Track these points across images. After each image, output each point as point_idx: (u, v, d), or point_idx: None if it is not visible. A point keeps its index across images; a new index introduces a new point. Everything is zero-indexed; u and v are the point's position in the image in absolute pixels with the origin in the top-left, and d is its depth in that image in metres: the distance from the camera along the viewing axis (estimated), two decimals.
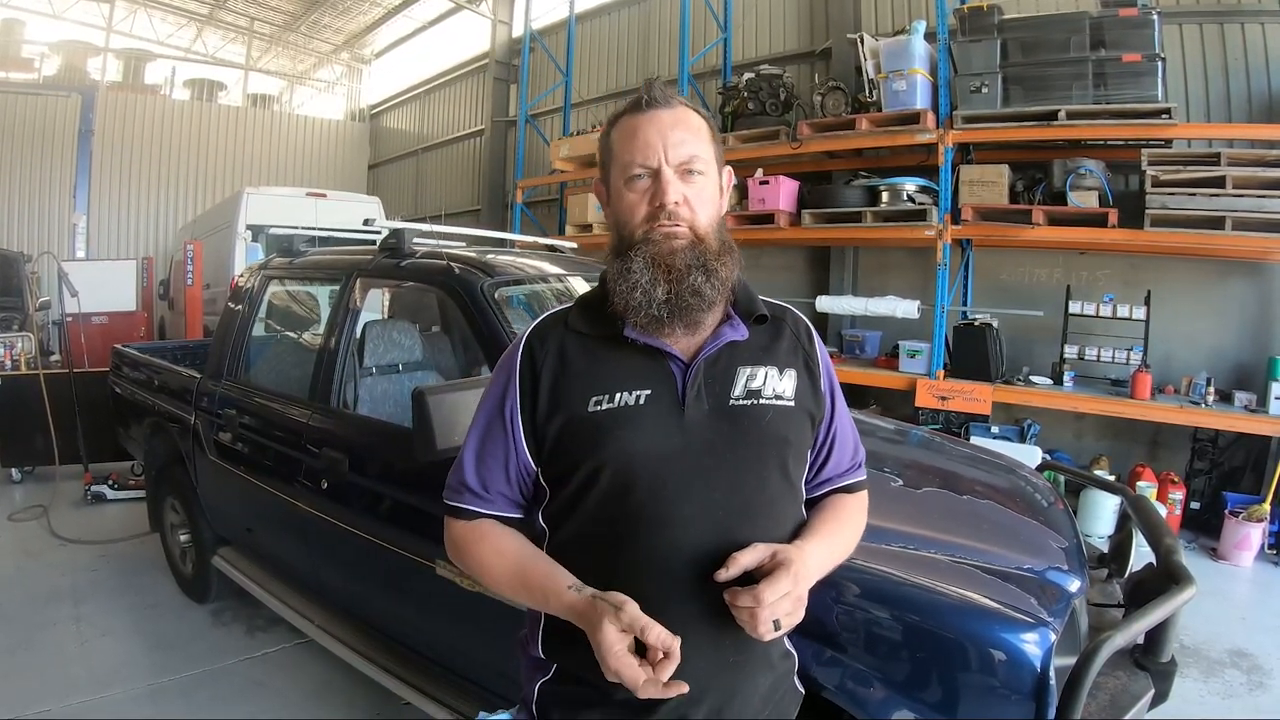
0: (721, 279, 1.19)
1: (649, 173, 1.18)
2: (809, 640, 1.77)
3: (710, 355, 1.21)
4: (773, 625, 1.05)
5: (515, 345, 1.27)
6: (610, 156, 1.23)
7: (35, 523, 5.20)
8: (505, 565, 1.22)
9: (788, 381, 1.26)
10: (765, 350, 1.27)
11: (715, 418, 1.20)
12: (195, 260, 8.81)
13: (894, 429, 3.46)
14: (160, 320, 12.18)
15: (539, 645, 1.27)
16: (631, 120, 1.20)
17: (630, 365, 1.20)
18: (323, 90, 20.99)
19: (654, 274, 1.15)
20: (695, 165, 1.19)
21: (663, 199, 1.16)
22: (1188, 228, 5.37)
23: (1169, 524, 2.73)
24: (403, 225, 3.18)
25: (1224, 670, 3.64)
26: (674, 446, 1.17)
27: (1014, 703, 1.59)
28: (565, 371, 1.21)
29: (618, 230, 1.23)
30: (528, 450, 1.23)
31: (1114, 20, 5.71)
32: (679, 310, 1.16)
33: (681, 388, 1.19)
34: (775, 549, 1.12)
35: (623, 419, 1.17)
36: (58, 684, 3.24)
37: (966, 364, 6.32)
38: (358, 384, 3.11)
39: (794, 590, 1.08)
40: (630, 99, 1.23)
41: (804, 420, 1.28)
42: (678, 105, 1.22)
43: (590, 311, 1.26)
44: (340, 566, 2.97)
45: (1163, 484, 5.57)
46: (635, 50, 11.09)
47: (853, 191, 7.00)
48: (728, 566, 1.09)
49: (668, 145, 1.17)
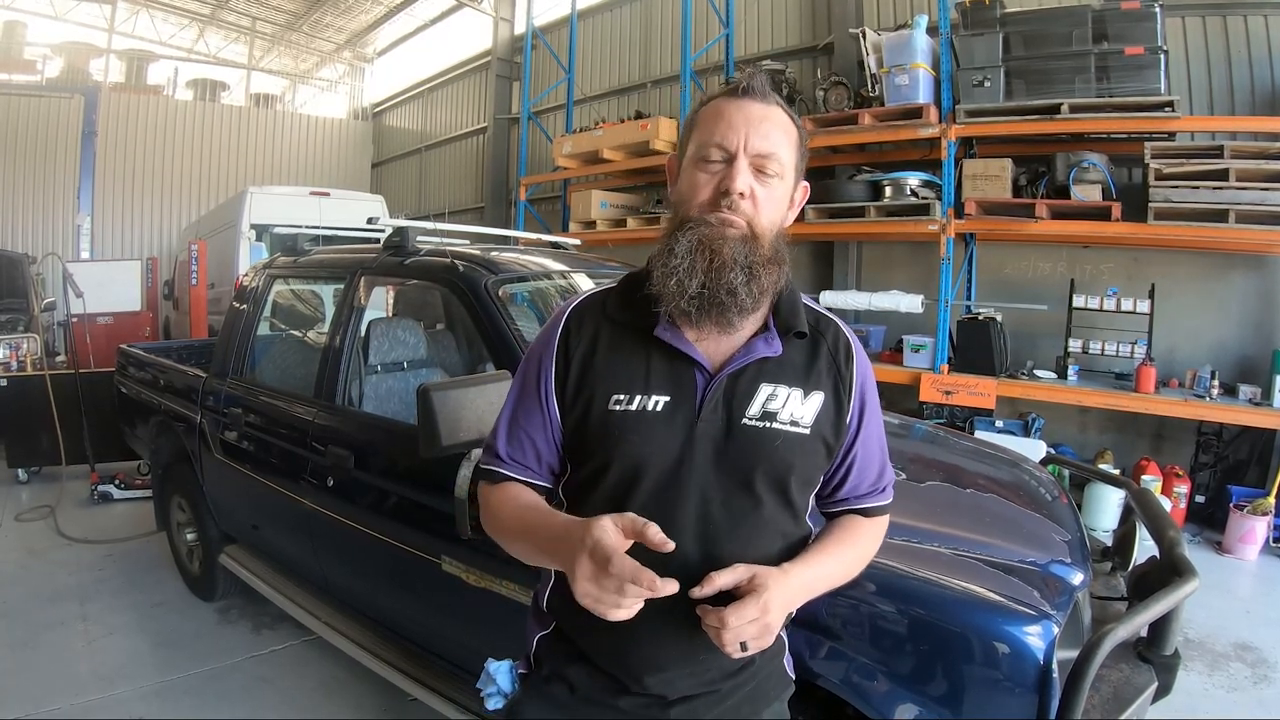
0: (762, 285, 1.16)
1: (725, 157, 1.14)
2: (812, 633, 1.78)
3: (736, 368, 1.19)
4: (739, 646, 1.05)
5: (553, 324, 1.28)
6: (690, 134, 1.21)
7: (42, 522, 5.22)
8: (511, 509, 1.24)
9: (810, 406, 1.22)
10: (796, 370, 1.23)
11: (725, 434, 1.18)
12: (199, 260, 8.84)
13: (898, 423, 3.46)
14: (165, 320, 12.23)
15: (544, 599, 1.32)
16: (722, 103, 1.18)
17: (655, 367, 1.20)
18: (325, 89, 20.99)
19: (694, 260, 1.13)
20: (771, 165, 1.15)
21: (729, 184, 1.13)
22: (1191, 221, 5.36)
23: (1173, 518, 2.73)
24: (406, 223, 3.19)
25: (1228, 663, 3.64)
26: (680, 458, 1.18)
27: (1017, 695, 1.60)
28: (594, 360, 1.22)
29: (676, 208, 1.21)
30: (560, 422, 1.25)
31: (1116, 13, 5.70)
32: (710, 307, 1.14)
33: (700, 399, 1.18)
34: (755, 572, 1.09)
35: (637, 423, 1.17)
36: (65, 682, 3.26)
37: (970, 358, 6.31)
38: (362, 382, 3.12)
39: (761, 618, 1.06)
40: (727, 85, 1.21)
41: (817, 447, 1.24)
42: (773, 103, 1.19)
43: (630, 296, 1.24)
44: (346, 563, 2.99)
45: (1167, 478, 5.57)
46: (637, 46, 11.08)
47: (856, 186, 7.00)
48: (704, 585, 1.07)
49: (750, 135, 1.14)
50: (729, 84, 1.20)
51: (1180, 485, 5.54)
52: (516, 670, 1.35)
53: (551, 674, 1.29)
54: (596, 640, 1.23)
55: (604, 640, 1.22)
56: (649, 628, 1.14)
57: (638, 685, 1.21)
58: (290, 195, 9.74)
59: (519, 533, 1.22)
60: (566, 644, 1.28)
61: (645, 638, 1.18)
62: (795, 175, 1.21)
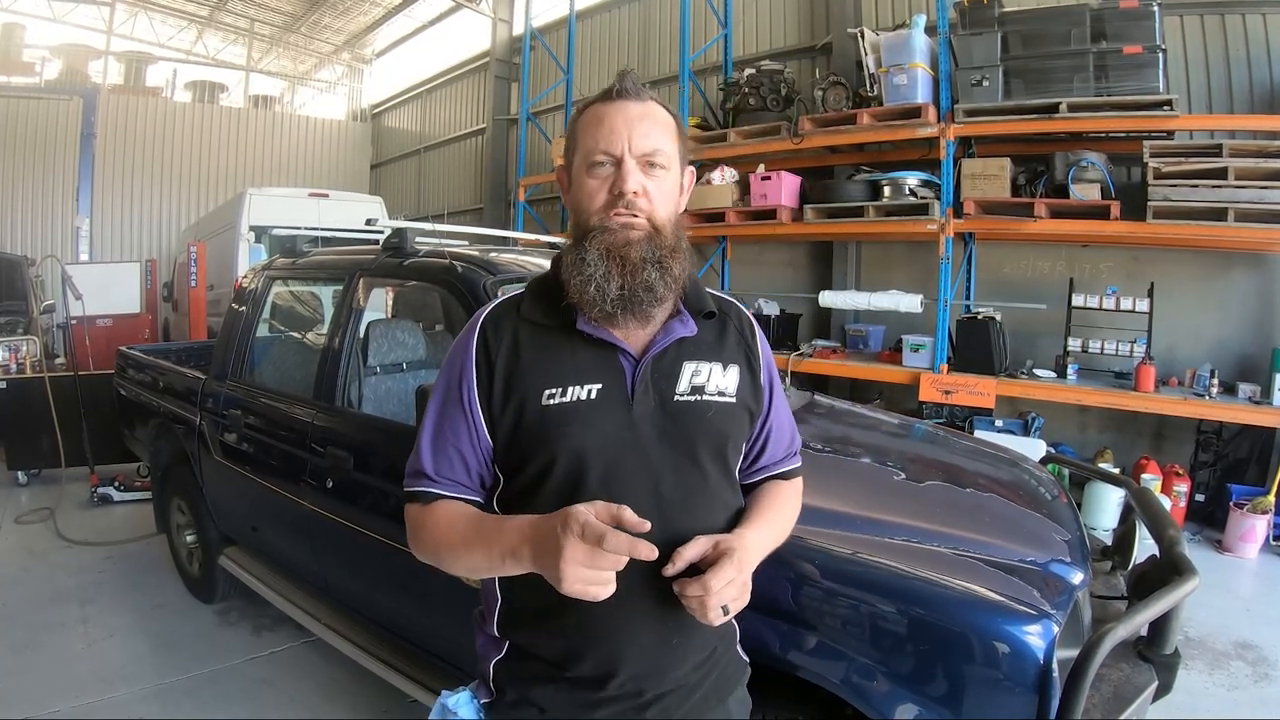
0: (675, 275, 1.20)
1: (611, 161, 1.18)
2: (810, 632, 1.78)
3: (659, 351, 1.24)
4: (721, 611, 1.09)
5: (469, 330, 1.28)
6: (575, 143, 1.23)
7: (42, 525, 5.22)
8: (459, 526, 1.21)
9: (730, 377, 1.30)
10: (711, 346, 1.30)
11: (660, 413, 1.23)
12: (199, 262, 8.83)
13: (898, 423, 3.46)
14: (164, 322, 12.21)
15: (494, 624, 1.30)
16: (599, 108, 1.21)
17: (582, 358, 1.22)
18: (324, 91, 21.01)
19: (608, 267, 1.16)
20: (658, 159, 1.19)
21: (622, 186, 1.17)
22: (1190, 219, 5.36)
23: (1173, 516, 2.74)
24: (405, 224, 3.19)
25: (1229, 662, 3.64)
26: (623, 441, 1.20)
27: (1017, 695, 1.60)
28: (519, 361, 1.22)
29: (575, 219, 1.24)
30: (487, 432, 1.24)
31: (1115, 12, 5.70)
32: (631, 304, 1.18)
33: (631, 383, 1.22)
34: (717, 539, 1.15)
35: (574, 413, 1.19)
36: (65, 684, 3.26)
37: (970, 358, 6.31)
38: (362, 383, 3.12)
39: (738, 576, 1.11)
40: (602, 90, 1.24)
41: (743, 415, 1.32)
42: (647, 99, 1.22)
43: (543, 300, 1.27)
44: (346, 565, 2.98)
45: (1167, 476, 5.57)
46: (636, 47, 11.08)
47: (855, 186, 7.00)
48: (674, 561, 1.12)
49: (633, 135, 1.17)
50: (603, 90, 1.23)
51: (1180, 484, 5.54)
52: (479, 700, 1.32)
53: (519, 699, 1.27)
54: (566, 645, 1.22)
55: (574, 644, 1.21)
56: (620, 616, 1.17)
57: (614, 685, 1.21)
58: (289, 197, 9.73)
59: (470, 545, 1.18)
60: (527, 663, 1.26)
61: (617, 630, 1.19)
62: (681, 163, 1.26)
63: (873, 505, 2.21)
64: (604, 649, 1.20)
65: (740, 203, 7.66)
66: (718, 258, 8.90)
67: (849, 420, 3.29)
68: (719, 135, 8.12)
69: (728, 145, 7.93)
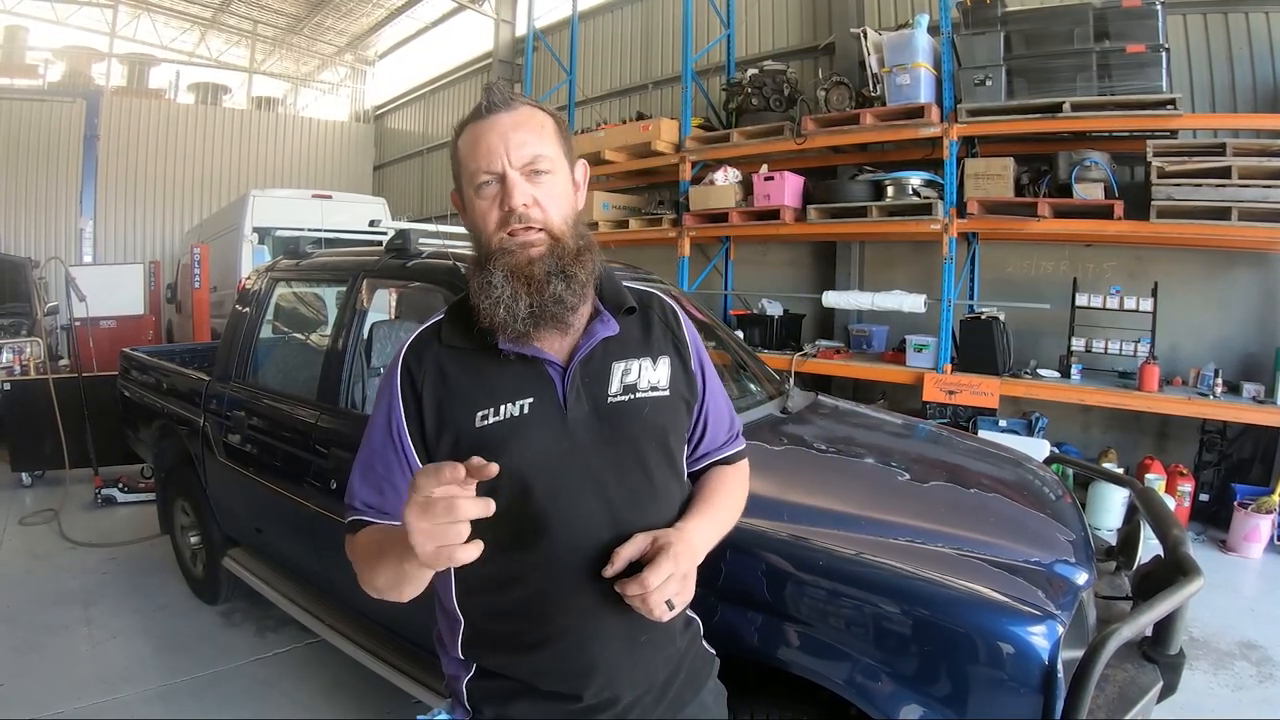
0: (581, 281, 1.19)
1: (495, 178, 1.17)
2: (812, 632, 1.78)
3: (584, 355, 1.22)
4: (666, 606, 1.09)
5: (392, 367, 1.25)
6: (459, 167, 1.22)
7: (46, 526, 5.23)
8: (372, 545, 1.17)
9: (661, 370, 1.29)
10: (638, 342, 1.30)
11: (596, 417, 1.22)
12: (202, 263, 8.86)
13: (901, 423, 3.46)
14: (168, 323, 12.24)
15: (458, 646, 1.28)
16: (474, 128, 1.19)
17: (509, 375, 1.20)
18: (327, 92, 21.03)
19: (514, 287, 1.15)
20: (540, 164, 1.17)
21: (510, 202, 1.15)
22: (1194, 219, 5.34)
23: (1177, 516, 2.72)
24: (408, 226, 3.19)
25: (1233, 662, 3.63)
26: (563, 449, 1.19)
27: (1022, 696, 1.59)
28: (447, 389, 1.21)
29: (475, 241, 1.23)
30: (420, 464, 1.21)
31: (1117, 11, 5.69)
32: (544, 319, 1.16)
33: (562, 391, 1.21)
34: (654, 535, 1.16)
35: (511, 430, 1.17)
36: (69, 686, 3.27)
37: (973, 358, 6.30)
38: (365, 384, 3.12)
39: (676, 570, 1.11)
40: (473, 109, 1.22)
41: (680, 406, 1.32)
42: (519, 106, 1.20)
43: (461, 324, 1.24)
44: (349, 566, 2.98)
45: (1171, 476, 5.56)
46: (638, 47, 11.08)
47: (858, 186, 6.99)
48: (612, 562, 1.13)
49: (509, 148, 1.16)
50: (474, 108, 1.21)
51: (1184, 484, 5.53)
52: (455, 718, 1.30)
53: (497, 717, 1.26)
54: (536, 662, 1.21)
55: (545, 658, 1.21)
56: (589, 626, 1.18)
57: (591, 694, 1.20)
58: (292, 198, 9.73)
59: (378, 558, 1.13)
60: (499, 681, 1.25)
61: (588, 639, 1.19)
62: (568, 160, 1.24)
63: (877, 505, 2.21)
64: (576, 660, 1.20)
65: (743, 203, 7.66)
66: (721, 258, 8.90)
67: (852, 420, 3.29)
68: (722, 136, 8.12)
69: (731, 145, 7.93)
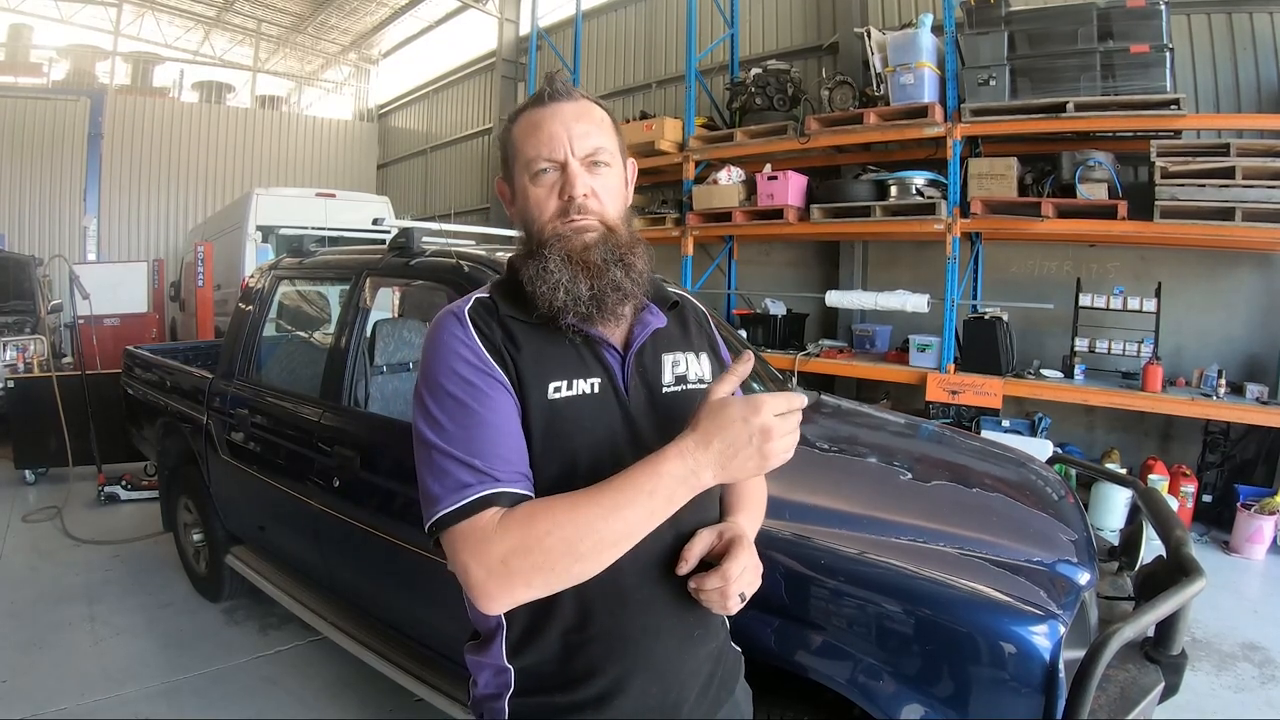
0: (639, 270, 1.19)
1: (555, 166, 1.16)
2: (816, 632, 1.78)
3: (640, 346, 1.22)
4: (739, 598, 1.10)
5: (454, 324, 1.15)
6: (513, 153, 1.20)
7: (49, 523, 5.24)
8: (570, 502, 1.02)
9: (705, 365, 1.30)
10: (681, 336, 1.31)
11: (651, 406, 1.21)
12: (206, 261, 8.87)
13: (904, 423, 3.46)
14: (172, 322, 12.26)
15: (501, 652, 1.19)
16: (535, 114, 1.18)
17: (575, 353, 1.18)
18: (331, 91, 21.05)
19: (574, 271, 1.13)
20: (601, 157, 1.18)
21: (571, 191, 1.14)
22: (1197, 219, 5.33)
23: (1180, 517, 2.72)
24: (412, 224, 3.19)
25: (1236, 663, 3.63)
26: (627, 436, 1.17)
27: (1024, 696, 1.59)
28: (519, 351, 1.14)
29: (527, 229, 1.21)
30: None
31: (1122, 11, 5.68)
32: (603, 304, 1.15)
33: (623, 377, 1.19)
34: (719, 529, 1.17)
35: (582, 408, 1.14)
36: (72, 683, 3.27)
37: (977, 357, 6.29)
38: (369, 382, 3.13)
39: (752, 562, 1.13)
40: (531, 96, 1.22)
41: None
42: (580, 98, 1.21)
43: (513, 301, 1.19)
44: (353, 564, 2.99)
45: (1174, 477, 5.56)
46: (642, 47, 11.09)
47: (861, 186, 6.99)
48: (685, 559, 1.12)
49: (573, 137, 1.15)
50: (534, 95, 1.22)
51: (1187, 484, 5.53)
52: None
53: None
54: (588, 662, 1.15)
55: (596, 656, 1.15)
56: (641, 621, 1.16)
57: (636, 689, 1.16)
58: (296, 197, 9.74)
59: (612, 509, 1.00)
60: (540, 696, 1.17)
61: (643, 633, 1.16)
62: (622, 156, 1.25)
63: (879, 505, 2.21)
64: (629, 658, 1.16)
65: (747, 203, 7.66)
66: (724, 257, 8.89)
67: (855, 420, 3.28)
68: (725, 135, 8.11)
69: (734, 145, 7.92)
